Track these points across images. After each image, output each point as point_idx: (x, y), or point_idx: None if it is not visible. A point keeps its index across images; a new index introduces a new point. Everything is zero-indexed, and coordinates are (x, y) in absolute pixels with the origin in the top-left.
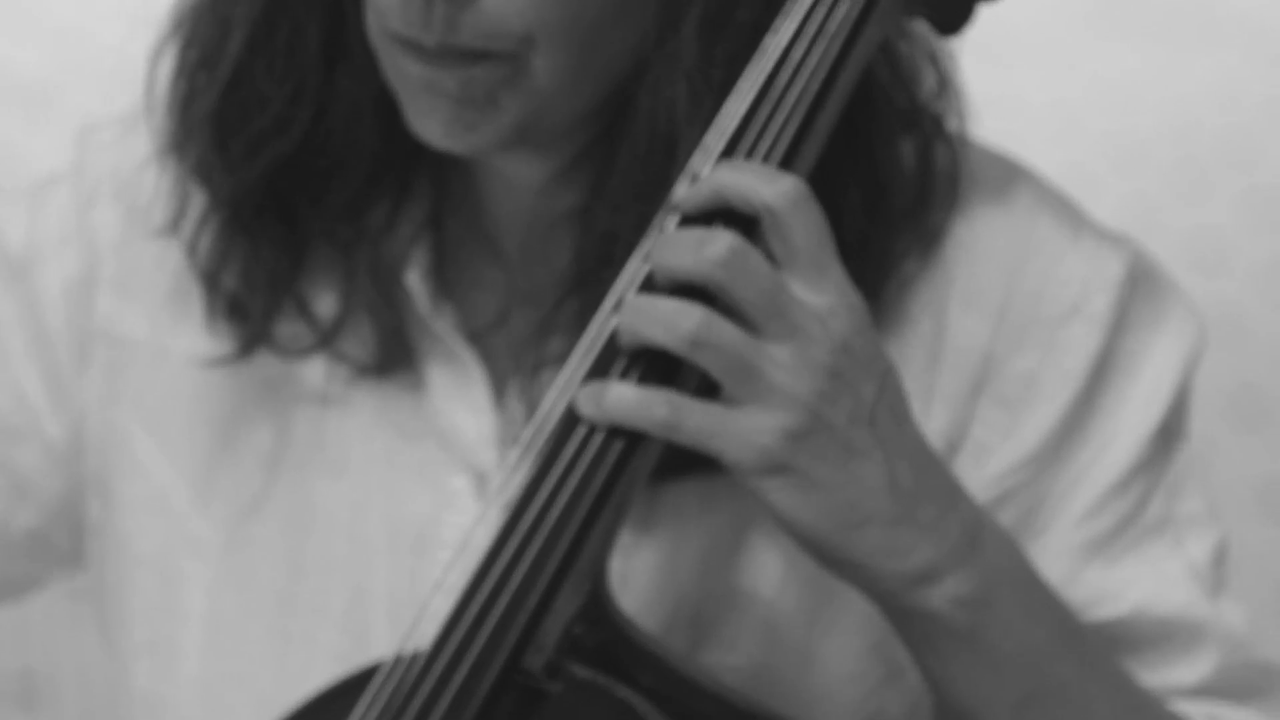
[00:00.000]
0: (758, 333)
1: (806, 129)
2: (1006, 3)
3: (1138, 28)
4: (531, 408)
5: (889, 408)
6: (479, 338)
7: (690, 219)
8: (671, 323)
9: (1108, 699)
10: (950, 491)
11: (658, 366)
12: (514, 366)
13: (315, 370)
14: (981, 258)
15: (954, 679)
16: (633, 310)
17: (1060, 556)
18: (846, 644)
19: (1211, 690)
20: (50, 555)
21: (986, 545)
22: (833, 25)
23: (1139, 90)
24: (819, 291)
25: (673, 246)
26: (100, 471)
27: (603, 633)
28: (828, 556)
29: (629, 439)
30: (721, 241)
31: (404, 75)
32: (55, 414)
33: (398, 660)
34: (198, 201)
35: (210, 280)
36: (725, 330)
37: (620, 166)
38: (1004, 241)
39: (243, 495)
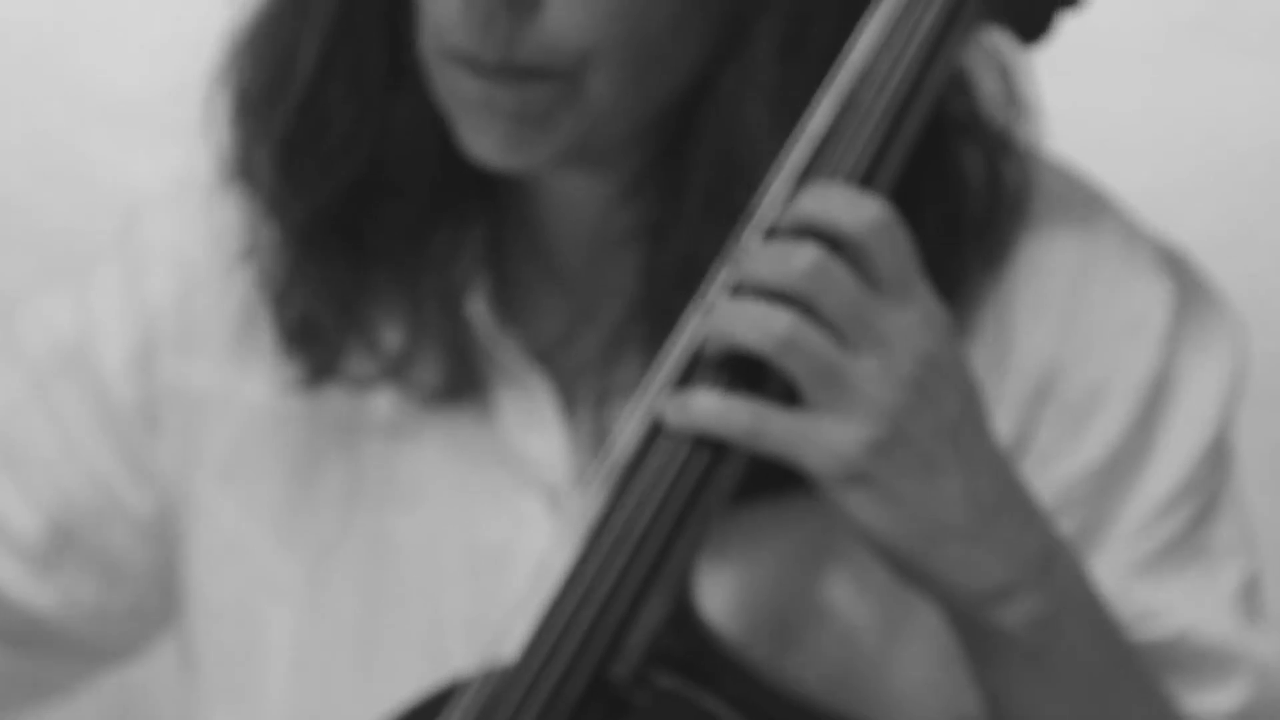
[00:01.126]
0: (843, 344)
1: (890, 144)
2: (1097, 17)
3: (1230, 41)
4: (603, 427)
5: (971, 423)
6: (546, 359)
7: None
8: (763, 325)
9: None
10: (1028, 510)
11: (742, 376)
12: (583, 386)
13: (384, 403)
14: (1046, 269)
15: (1015, 697)
16: (723, 313)
17: (1111, 571)
18: (923, 651)
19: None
20: (150, 622)
21: (1059, 567)
22: (917, 38)
23: (1231, 104)
24: (904, 307)
25: (758, 258)
26: (182, 526)
27: (688, 642)
28: (904, 569)
29: (714, 448)
30: (807, 254)
31: (460, 93)
32: (137, 489)
33: (485, 672)
34: (266, 229)
35: (280, 305)
36: (814, 335)
37: (692, 187)
38: (1068, 253)
39: (321, 535)
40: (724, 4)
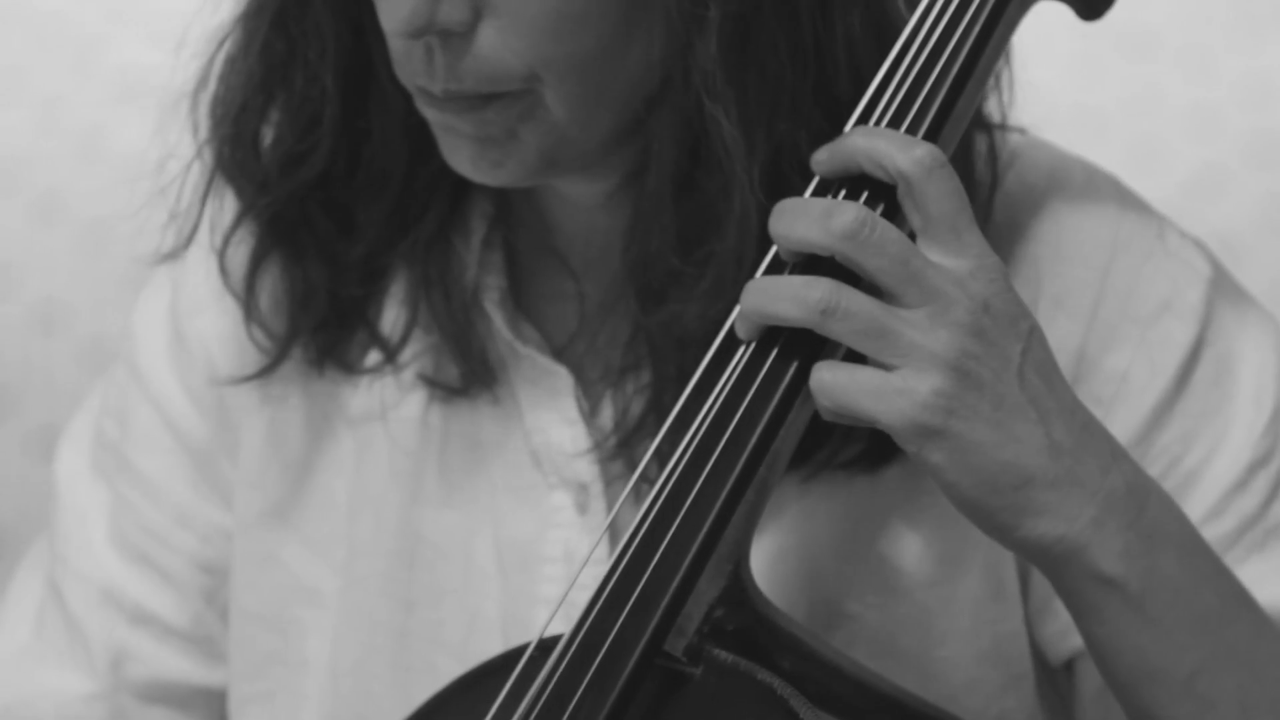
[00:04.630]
0: (893, 300)
1: (947, 111)
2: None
3: (1258, 28)
4: (622, 415)
5: (1036, 366)
6: (561, 352)
7: (825, 184)
8: (799, 295)
9: (1278, 664)
10: (1110, 449)
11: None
12: (601, 382)
13: (414, 406)
14: (1069, 258)
15: (1124, 651)
16: (756, 291)
17: None
18: (961, 652)
19: None
20: None
21: (1150, 506)
22: (970, 8)
23: (1265, 90)
24: (956, 255)
25: (799, 217)
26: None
27: (743, 616)
28: (991, 523)
29: (771, 418)
30: (848, 213)
31: (427, 117)
32: None
33: (541, 643)
34: (228, 218)
35: (249, 293)
36: (855, 296)
37: (650, 186)
38: (1091, 242)
39: (352, 538)
40: (665, 12)
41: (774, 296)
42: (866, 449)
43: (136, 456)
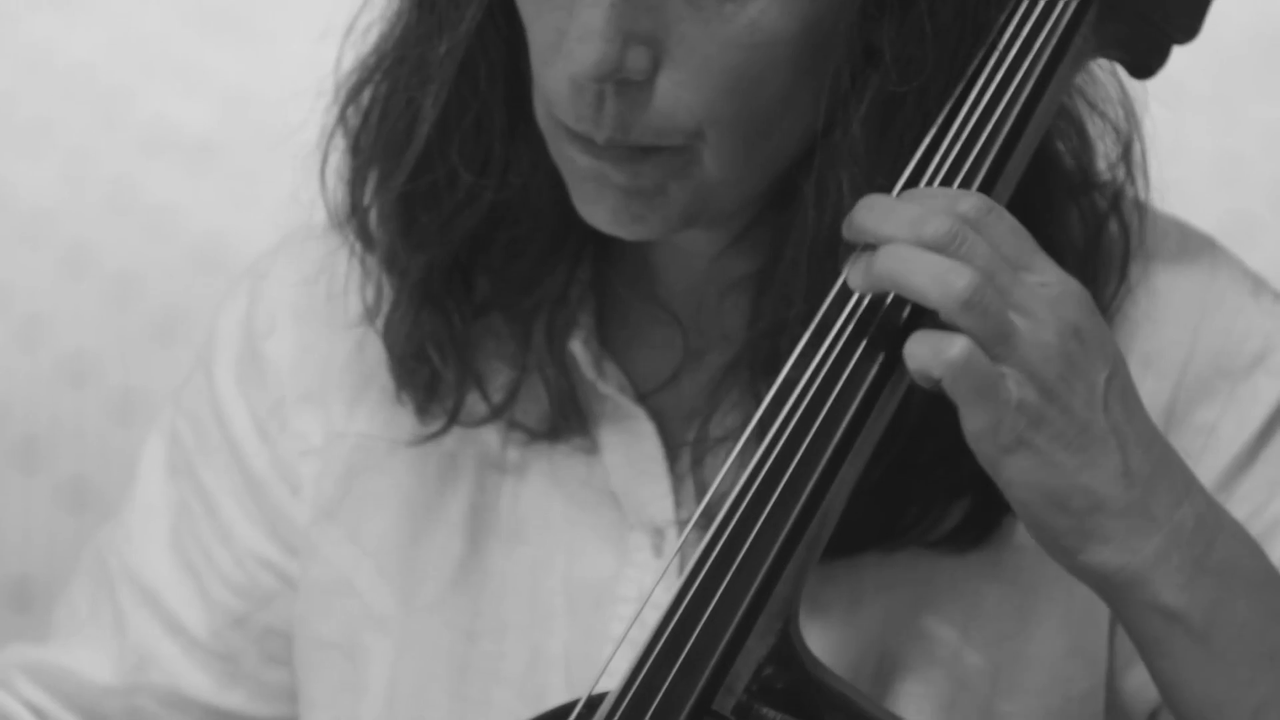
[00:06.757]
0: None
1: (998, 170)
2: (1174, 50)
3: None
4: (703, 468)
5: (1119, 394)
6: (648, 400)
7: None
8: (942, 277)
9: None
10: (1185, 482)
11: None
12: (684, 428)
13: (491, 439)
14: (1161, 318)
15: (1188, 683)
16: (895, 257)
17: None
18: (1026, 707)
19: None
20: None
21: (1220, 541)
22: (1022, 67)
23: None
24: (1042, 280)
25: (892, 222)
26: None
27: (792, 674)
28: (1056, 545)
29: (822, 475)
30: (943, 219)
31: (571, 162)
32: (291, 556)
33: (589, 700)
34: (386, 285)
35: (397, 353)
36: (996, 297)
37: (792, 244)
38: (1184, 301)
39: (419, 565)
40: (828, 81)
41: (915, 269)
42: (954, 531)
43: (200, 467)
